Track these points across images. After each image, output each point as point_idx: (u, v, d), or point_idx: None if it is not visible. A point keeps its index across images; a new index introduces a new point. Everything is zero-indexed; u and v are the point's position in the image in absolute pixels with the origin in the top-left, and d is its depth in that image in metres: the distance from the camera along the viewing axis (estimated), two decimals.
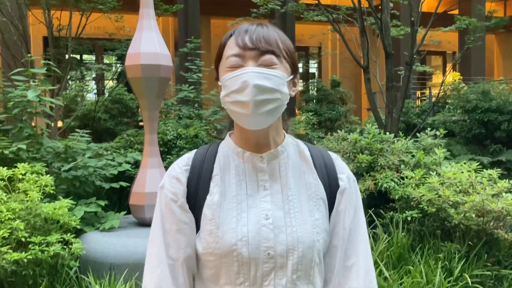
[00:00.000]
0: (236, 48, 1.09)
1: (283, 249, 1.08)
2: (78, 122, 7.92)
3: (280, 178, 1.14)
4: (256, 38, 1.09)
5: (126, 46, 7.25)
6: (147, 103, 4.20)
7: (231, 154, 1.16)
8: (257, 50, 1.08)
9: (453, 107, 8.72)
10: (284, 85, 1.10)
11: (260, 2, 8.58)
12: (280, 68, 1.10)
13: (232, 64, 1.09)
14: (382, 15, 6.12)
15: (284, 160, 1.16)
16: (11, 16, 6.46)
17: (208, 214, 1.11)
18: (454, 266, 3.60)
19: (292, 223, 1.10)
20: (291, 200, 1.13)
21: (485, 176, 4.02)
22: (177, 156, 5.69)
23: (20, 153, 4.07)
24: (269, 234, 1.09)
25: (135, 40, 4.17)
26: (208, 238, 1.10)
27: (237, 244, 1.07)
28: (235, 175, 1.14)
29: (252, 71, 1.06)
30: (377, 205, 4.37)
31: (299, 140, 1.25)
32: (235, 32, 1.13)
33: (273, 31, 1.13)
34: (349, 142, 4.76)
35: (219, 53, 1.15)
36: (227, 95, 1.09)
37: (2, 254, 3.08)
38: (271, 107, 1.07)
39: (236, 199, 1.12)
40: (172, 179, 1.16)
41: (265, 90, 1.06)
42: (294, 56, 1.16)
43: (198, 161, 1.17)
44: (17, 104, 4.34)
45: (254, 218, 1.10)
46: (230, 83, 1.08)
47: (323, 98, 9.52)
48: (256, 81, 1.05)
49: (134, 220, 4.42)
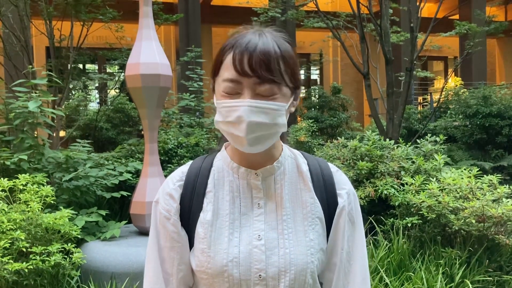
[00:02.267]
0: (234, 72, 1.02)
1: (275, 271, 1.06)
2: (80, 132, 7.96)
3: (275, 196, 1.11)
4: (256, 63, 1.00)
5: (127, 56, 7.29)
6: (147, 112, 4.23)
7: (225, 169, 1.13)
8: (257, 78, 1.01)
9: (454, 113, 8.71)
10: (282, 116, 1.05)
11: (260, 10, 8.64)
12: (279, 98, 1.03)
13: (228, 90, 1.03)
14: (382, 22, 6.15)
15: (280, 177, 1.13)
16: (13, 27, 6.52)
17: (201, 232, 1.09)
18: (455, 272, 3.59)
19: (285, 245, 1.08)
20: (285, 220, 1.09)
21: (485, 182, 4.01)
22: (178, 165, 5.71)
23: (21, 164, 4.10)
24: (261, 255, 1.06)
25: (135, 50, 4.21)
26: (200, 256, 1.09)
27: (227, 265, 1.06)
28: (229, 192, 1.11)
29: (248, 104, 1.00)
30: (377, 212, 4.37)
31: (297, 152, 1.20)
32: (235, 45, 1.03)
33: (275, 46, 1.03)
34: (349, 149, 4.76)
35: (216, 64, 1.08)
36: (221, 123, 1.05)
37: (3, 264, 3.10)
38: (267, 142, 1.05)
39: (229, 217, 1.09)
40: (166, 195, 1.14)
41: (261, 126, 1.02)
42: (297, 75, 1.07)
43: (192, 176, 1.14)
44: (19, 115, 4.37)
45: (246, 239, 1.07)
46: (225, 113, 1.03)
47: (324, 104, 9.53)
48: (252, 117, 1.00)
49: (135, 229, 4.44)
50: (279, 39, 1.06)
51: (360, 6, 6.48)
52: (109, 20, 7.26)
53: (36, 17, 7.23)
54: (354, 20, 7.02)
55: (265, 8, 8.82)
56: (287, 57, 1.05)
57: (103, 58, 11.00)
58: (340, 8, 11.05)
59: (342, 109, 9.64)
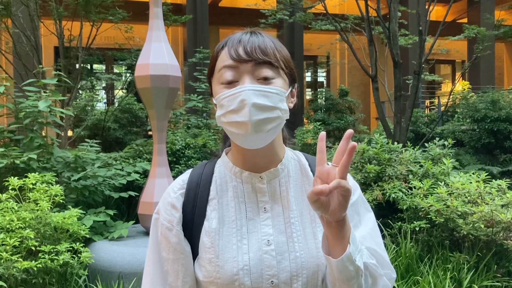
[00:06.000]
0: (230, 60, 1.02)
1: (287, 276, 1.03)
2: (88, 132, 8.00)
3: (281, 199, 1.09)
4: (251, 48, 1.01)
5: (136, 56, 7.34)
6: (156, 113, 4.25)
7: (228, 174, 1.11)
8: (253, 61, 1.01)
9: (462, 117, 8.69)
10: (283, 101, 1.03)
11: (268, 13, 8.64)
12: (278, 82, 1.03)
13: (226, 78, 1.02)
14: (390, 24, 6.14)
15: (285, 179, 1.11)
16: (23, 28, 6.57)
17: (207, 241, 1.06)
18: (463, 277, 3.58)
19: (295, 248, 1.05)
20: (293, 223, 1.07)
21: (494, 187, 3.99)
22: (186, 166, 5.72)
23: (30, 163, 4.12)
24: (272, 261, 1.04)
25: (145, 51, 4.23)
26: (208, 266, 1.05)
27: (238, 273, 1.02)
28: (234, 197, 1.08)
29: (249, 88, 0.99)
30: (385, 215, 4.36)
31: (299, 153, 1.18)
32: (227, 42, 1.05)
33: (268, 39, 1.05)
34: (357, 152, 4.75)
35: (211, 66, 1.08)
36: (223, 115, 1.03)
37: (12, 262, 3.12)
38: (271, 126, 1.01)
39: (236, 224, 1.06)
40: (167, 205, 1.11)
41: (264, 108, 0.99)
42: (292, 65, 1.08)
43: (194, 183, 1.11)
44: (28, 114, 4.40)
45: (255, 245, 1.05)
46: (226, 103, 1.01)
47: (331, 107, 9.53)
48: (254, 99, 0.98)
49: (142, 229, 4.45)
50: (271, 37, 1.08)
51: (369, 8, 6.47)
52: (119, 21, 7.30)
53: (46, 17, 7.28)
54: (362, 22, 7.01)
55: (273, 10, 8.83)
56: (281, 48, 1.06)
57: (111, 59, 11.05)
58: (348, 10, 11.05)
59: (349, 111, 9.63)
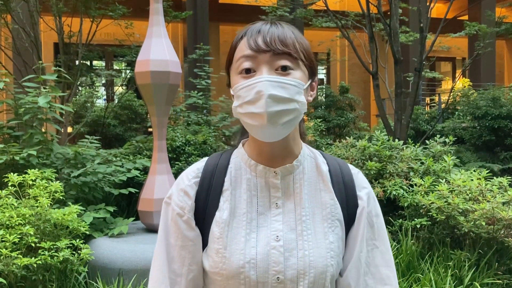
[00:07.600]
0: (248, 50, 1.00)
1: (293, 274, 1.02)
2: (87, 128, 7.98)
3: (294, 196, 1.07)
4: (270, 39, 0.99)
5: (136, 53, 7.30)
6: (156, 109, 4.23)
7: (243, 166, 1.09)
8: (272, 52, 0.99)
9: (462, 114, 8.67)
10: (301, 94, 1.01)
11: (268, 9, 8.61)
12: (296, 74, 1.01)
13: (244, 67, 1.00)
14: (391, 21, 6.12)
15: (299, 176, 1.09)
16: (23, 23, 6.54)
17: (216, 231, 1.05)
18: (464, 274, 3.57)
19: (304, 246, 1.04)
20: (304, 221, 1.05)
21: (495, 184, 3.98)
22: (186, 163, 5.71)
23: (30, 159, 4.11)
24: (279, 257, 1.02)
25: (145, 47, 4.21)
26: (215, 257, 1.04)
27: (244, 266, 1.01)
28: (247, 190, 1.07)
29: (266, 79, 0.97)
30: (386, 213, 4.35)
31: (317, 152, 1.16)
32: (247, 32, 1.03)
33: (289, 30, 1.03)
34: (358, 149, 4.74)
35: (229, 55, 1.06)
36: (240, 106, 1.01)
37: (12, 259, 3.11)
38: (287, 119, 0.99)
39: (246, 217, 1.05)
40: (180, 191, 1.09)
41: (281, 100, 0.97)
42: (312, 58, 1.06)
43: (209, 173, 1.09)
44: (28, 110, 4.38)
45: (264, 239, 1.03)
46: (243, 93, 1.00)
47: (331, 104, 9.49)
48: (271, 90, 0.97)
49: (142, 226, 4.44)
50: (292, 27, 1.06)
51: (370, 5, 6.45)
52: (119, 17, 7.27)
53: (46, 13, 7.25)
54: (363, 19, 6.99)
55: (273, 7, 8.79)
56: (302, 39, 1.04)
57: (111, 55, 11.02)
58: (349, 7, 11.01)
59: (349, 108, 9.60)
